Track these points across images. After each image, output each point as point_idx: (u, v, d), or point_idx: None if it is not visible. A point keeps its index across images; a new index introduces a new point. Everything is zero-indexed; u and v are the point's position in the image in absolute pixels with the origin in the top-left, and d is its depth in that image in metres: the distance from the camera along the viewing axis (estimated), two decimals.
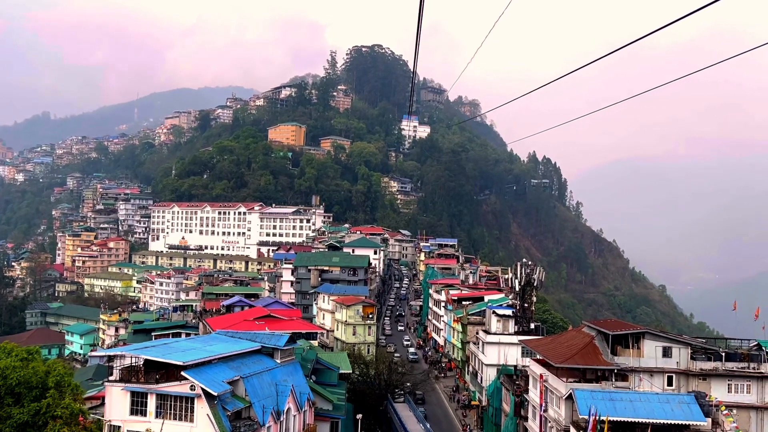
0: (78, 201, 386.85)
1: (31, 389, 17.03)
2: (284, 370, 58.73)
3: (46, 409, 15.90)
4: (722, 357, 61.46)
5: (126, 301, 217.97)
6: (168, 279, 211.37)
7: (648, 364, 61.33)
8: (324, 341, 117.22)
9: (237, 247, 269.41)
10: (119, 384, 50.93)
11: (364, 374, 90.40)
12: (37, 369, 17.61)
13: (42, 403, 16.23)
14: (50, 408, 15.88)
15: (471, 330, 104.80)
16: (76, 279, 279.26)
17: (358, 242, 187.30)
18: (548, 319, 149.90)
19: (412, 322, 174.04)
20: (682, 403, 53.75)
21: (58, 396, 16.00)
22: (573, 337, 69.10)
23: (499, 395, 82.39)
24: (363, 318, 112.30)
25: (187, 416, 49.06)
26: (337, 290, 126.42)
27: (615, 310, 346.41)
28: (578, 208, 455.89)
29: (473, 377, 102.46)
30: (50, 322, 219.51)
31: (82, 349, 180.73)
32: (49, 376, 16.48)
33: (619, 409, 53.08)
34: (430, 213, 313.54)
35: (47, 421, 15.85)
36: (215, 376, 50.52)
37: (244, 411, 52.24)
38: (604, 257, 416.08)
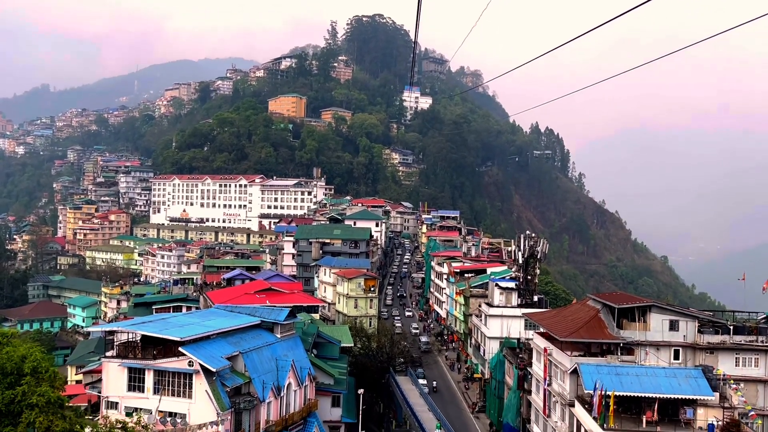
0: (79, 174, 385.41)
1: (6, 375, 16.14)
2: (284, 345, 57.85)
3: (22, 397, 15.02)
4: (730, 330, 60.41)
5: (127, 273, 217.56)
6: (169, 252, 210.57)
7: (654, 337, 60.29)
8: (325, 314, 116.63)
9: (238, 219, 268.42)
10: (116, 360, 50.12)
11: (366, 347, 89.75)
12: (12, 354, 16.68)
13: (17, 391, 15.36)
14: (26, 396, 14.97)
15: (473, 303, 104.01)
16: (77, 252, 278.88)
17: (360, 215, 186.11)
18: (550, 291, 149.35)
19: (415, 294, 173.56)
20: (689, 378, 52.89)
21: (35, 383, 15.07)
22: (578, 310, 68.10)
23: (502, 368, 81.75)
24: (365, 291, 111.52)
25: (185, 392, 48.29)
26: (339, 263, 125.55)
27: (617, 281, 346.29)
28: (580, 179, 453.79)
29: (476, 350, 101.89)
30: (52, 295, 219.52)
31: (84, 321, 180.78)
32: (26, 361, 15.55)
33: (625, 383, 52.25)
34: (432, 185, 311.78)
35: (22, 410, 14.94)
36: (214, 351, 49.62)
37: (244, 387, 51.45)
38: (606, 228, 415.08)
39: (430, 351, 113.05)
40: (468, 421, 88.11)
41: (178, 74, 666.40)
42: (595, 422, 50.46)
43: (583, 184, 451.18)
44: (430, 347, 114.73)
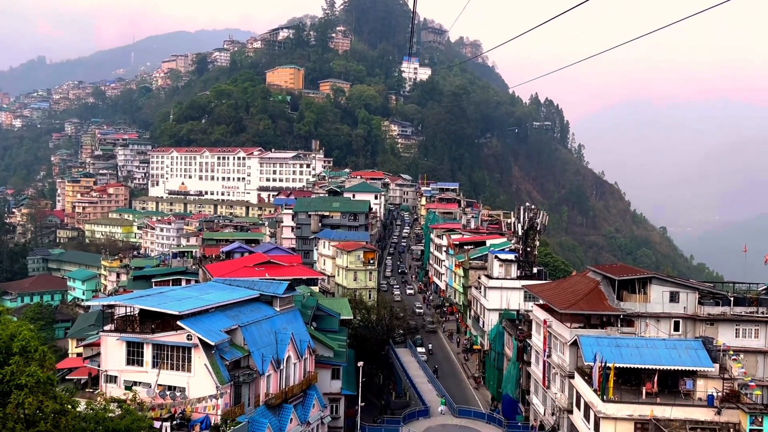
0: (76, 147, 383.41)
1: None
2: (284, 318, 57.67)
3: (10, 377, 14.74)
4: (730, 302, 60.26)
5: (127, 247, 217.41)
6: (168, 225, 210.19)
7: (654, 309, 60.18)
8: (325, 287, 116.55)
9: (237, 192, 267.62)
10: (114, 334, 49.95)
11: (366, 320, 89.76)
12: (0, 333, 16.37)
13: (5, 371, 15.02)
14: (14, 376, 14.69)
15: (473, 274, 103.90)
16: (76, 225, 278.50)
17: (359, 187, 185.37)
18: (549, 262, 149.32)
19: (414, 267, 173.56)
20: (689, 349, 52.79)
21: (24, 363, 14.77)
22: (578, 282, 67.90)
23: (501, 340, 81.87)
24: (364, 263, 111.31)
25: (184, 366, 48.16)
26: (338, 236, 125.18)
27: (615, 252, 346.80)
28: (580, 150, 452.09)
29: (475, 321, 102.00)
30: (52, 268, 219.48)
31: (84, 294, 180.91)
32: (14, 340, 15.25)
33: (625, 355, 52.14)
34: (431, 157, 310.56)
35: (11, 390, 14.67)
36: (212, 325, 49.41)
37: (243, 360, 51.35)
38: (606, 200, 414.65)
39: (435, 331, 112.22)
40: (468, 393, 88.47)
41: (175, 46, 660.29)
42: (595, 394, 50.46)
43: (582, 155, 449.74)
44: (435, 327, 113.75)
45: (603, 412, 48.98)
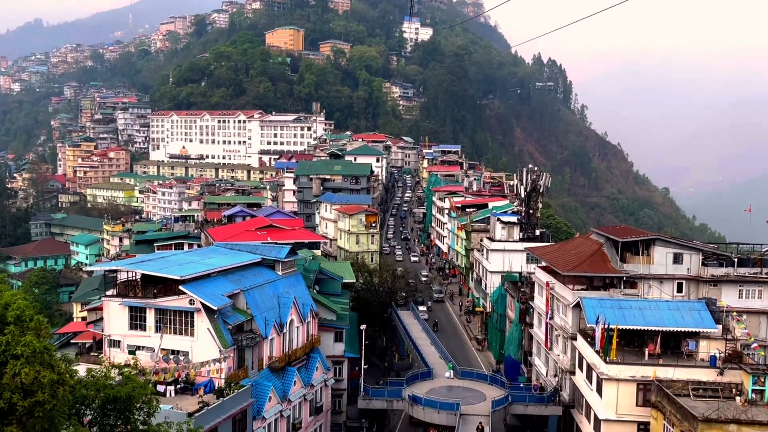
0: (76, 111, 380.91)
1: None
2: (286, 282, 57.58)
3: (6, 347, 14.54)
4: (734, 263, 60.04)
5: (129, 211, 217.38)
6: (170, 189, 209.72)
7: (658, 270, 60.00)
8: (327, 250, 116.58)
9: (238, 156, 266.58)
10: (117, 299, 49.89)
11: (368, 283, 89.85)
12: None
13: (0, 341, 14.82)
14: (10, 346, 14.50)
15: (475, 237, 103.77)
16: (78, 190, 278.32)
17: (360, 150, 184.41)
18: (552, 224, 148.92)
19: (416, 229, 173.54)
20: (692, 310, 52.71)
21: (19, 333, 14.60)
22: (580, 244, 67.63)
23: (504, 302, 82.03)
24: (366, 227, 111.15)
25: (187, 330, 48.18)
26: (340, 199, 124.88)
27: (618, 213, 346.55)
28: (583, 111, 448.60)
29: (477, 284, 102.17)
30: (55, 233, 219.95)
31: (87, 259, 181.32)
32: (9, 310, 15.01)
33: (627, 317, 52.10)
34: (433, 119, 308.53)
35: (7, 360, 14.51)
36: (214, 289, 49.29)
37: (246, 324, 51.34)
38: (608, 161, 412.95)
39: (442, 300, 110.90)
40: (470, 355, 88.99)
41: (173, 7, 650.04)
42: (597, 355, 50.55)
43: (585, 116, 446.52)
44: (443, 297, 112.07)
45: (605, 374, 49.11)
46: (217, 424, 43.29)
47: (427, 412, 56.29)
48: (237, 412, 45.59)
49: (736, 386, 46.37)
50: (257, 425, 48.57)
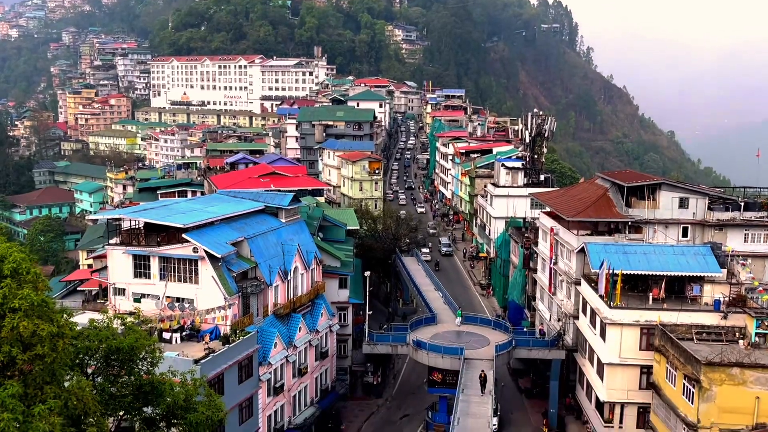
0: (75, 57, 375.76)
1: None
2: (289, 230, 57.46)
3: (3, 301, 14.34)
4: (740, 207, 59.55)
5: (131, 158, 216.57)
6: (172, 136, 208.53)
7: (663, 215, 59.58)
8: (331, 197, 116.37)
9: (239, 102, 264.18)
10: (120, 247, 49.87)
11: (372, 230, 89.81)
12: None
13: None
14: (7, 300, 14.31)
15: (479, 183, 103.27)
16: (80, 137, 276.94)
17: (363, 95, 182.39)
18: (556, 169, 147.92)
19: (420, 176, 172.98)
20: (697, 255, 52.51)
21: (16, 286, 14.39)
22: (585, 189, 67.12)
23: (508, 247, 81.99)
24: (369, 173, 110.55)
25: (191, 278, 48.27)
26: (343, 145, 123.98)
27: (622, 157, 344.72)
28: (588, 54, 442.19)
29: (481, 230, 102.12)
30: (59, 181, 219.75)
31: (92, 207, 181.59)
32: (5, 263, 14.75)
33: (632, 262, 51.96)
34: (436, 63, 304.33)
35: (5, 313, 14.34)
36: (218, 237, 49.19)
37: (251, 271, 51.44)
38: (614, 104, 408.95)
39: (451, 255, 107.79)
40: (474, 300, 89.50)
41: None
42: (601, 300, 50.59)
43: (591, 58, 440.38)
44: (451, 251, 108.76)
45: (609, 318, 49.24)
46: (223, 371, 43.69)
47: (432, 356, 56.75)
48: (243, 359, 46.00)
49: (739, 330, 46.50)
50: (263, 371, 49.10)
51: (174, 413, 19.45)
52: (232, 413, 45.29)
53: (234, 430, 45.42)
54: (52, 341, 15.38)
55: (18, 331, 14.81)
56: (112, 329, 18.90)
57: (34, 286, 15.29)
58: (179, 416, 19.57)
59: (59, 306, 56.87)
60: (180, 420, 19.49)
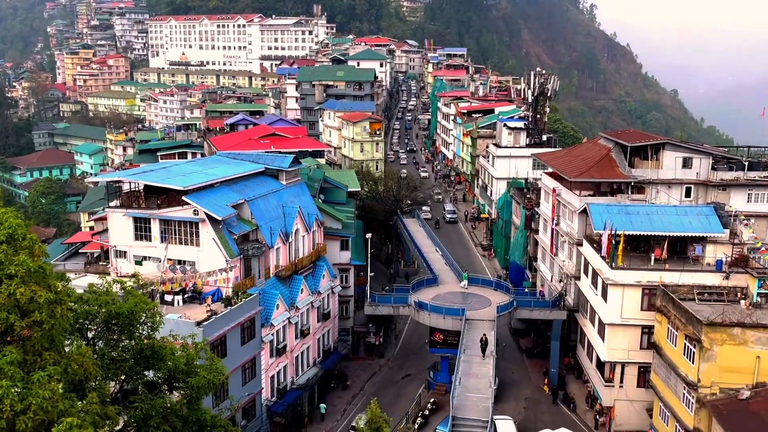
0: (72, 17, 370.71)
1: None
2: (290, 192, 57.18)
3: None
4: (744, 166, 59.12)
5: (131, 120, 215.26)
6: (171, 97, 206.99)
7: (666, 175, 59.20)
8: (331, 158, 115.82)
9: (239, 62, 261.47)
10: (120, 210, 49.65)
11: (373, 191, 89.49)
12: None
13: None
14: (3, 266, 14.11)
15: (481, 143, 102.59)
16: (79, 98, 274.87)
17: (363, 54, 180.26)
18: (559, 128, 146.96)
19: (421, 136, 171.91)
20: (700, 215, 52.23)
21: (12, 252, 14.18)
22: (588, 149, 66.61)
23: (509, 208, 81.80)
24: (370, 134, 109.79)
25: (192, 240, 48.15)
26: (343, 106, 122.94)
27: (625, 116, 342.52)
28: (592, 11, 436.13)
29: (483, 191, 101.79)
30: (58, 143, 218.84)
31: (92, 168, 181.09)
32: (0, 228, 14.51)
33: (634, 222, 51.72)
34: (438, 21, 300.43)
35: (1, 280, 14.15)
36: (218, 199, 48.94)
37: (252, 234, 51.30)
38: (617, 62, 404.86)
39: (456, 221, 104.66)
40: (476, 261, 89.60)
41: None
42: (603, 261, 50.50)
43: (594, 16, 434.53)
44: (456, 218, 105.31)
45: (611, 279, 49.20)
46: (225, 332, 43.85)
47: (433, 317, 56.94)
48: (245, 320, 46.12)
49: (741, 290, 46.43)
50: (266, 332, 49.31)
51: (175, 377, 19.42)
52: (235, 374, 45.65)
53: (237, 390, 45.75)
54: (50, 308, 15.23)
55: (15, 298, 14.67)
56: (112, 294, 18.78)
57: (31, 252, 15.10)
58: (180, 380, 19.55)
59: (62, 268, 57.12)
60: (181, 384, 19.48)
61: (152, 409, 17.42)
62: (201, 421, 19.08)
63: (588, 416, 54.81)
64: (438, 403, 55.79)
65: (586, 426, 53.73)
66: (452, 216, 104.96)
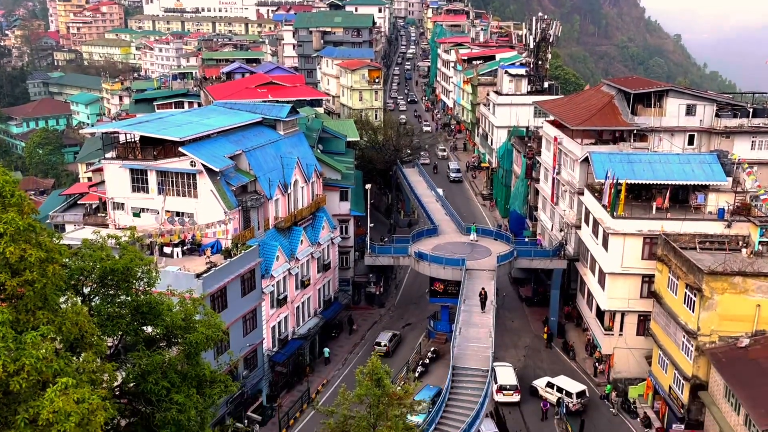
0: None
1: None
2: (288, 142, 56.45)
3: None
4: (749, 113, 58.26)
5: (126, 68, 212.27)
6: (167, 45, 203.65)
7: (670, 123, 58.39)
8: (330, 107, 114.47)
9: (234, 8, 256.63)
10: (116, 162, 49.04)
11: (372, 141, 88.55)
12: None
13: None
14: None
15: (481, 91, 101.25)
16: (73, 47, 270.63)
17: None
18: (560, 75, 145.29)
19: (421, 83, 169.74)
20: (703, 163, 51.67)
21: (0, 210, 13.75)
22: (590, 96, 65.58)
23: (510, 157, 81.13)
24: (369, 82, 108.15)
25: (190, 192, 47.69)
26: (341, 53, 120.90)
27: (627, 62, 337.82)
28: None
29: (483, 139, 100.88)
30: (53, 92, 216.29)
31: (89, 119, 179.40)
32: None
33: (637, 171, 51.22)
34: None
35: None
36: (215, 150, 48.30)
37: (250, 185, 50.80)
38: (619, 7, 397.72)
39: (461, 180, 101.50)
40: (476, 211, 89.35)
41: None
42: (605, 210, 50.13)
43: None
44: (461, 177, 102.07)
45: (612, 228, 48.91)
46: (225, 284, 43.75)
47: (433, 268, 56.87)
48: (245, 272, 45.99)
49: (743, 238, 46.21)
50: (266, 283, 49.26)
51: (173, 333, 19.22)
52: (236, 325, 45.77)
53: (238, 341, 45.95)
54: (42, 266, 14.87)
55: (5, 257, 14.31)
56: (107, 249, 18.43)
57: (20, 210, 14.67)
58: (179, 336, 19.35)
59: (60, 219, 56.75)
60: (180, 339, 19.29)
61: (150, 365, 17.24)
62: (200, 377, 18.99)
63: (587, 364, 55.26)
64: (438, 352, 56.24)
65: (585, 373, 54.21)
66: (457, 175, 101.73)
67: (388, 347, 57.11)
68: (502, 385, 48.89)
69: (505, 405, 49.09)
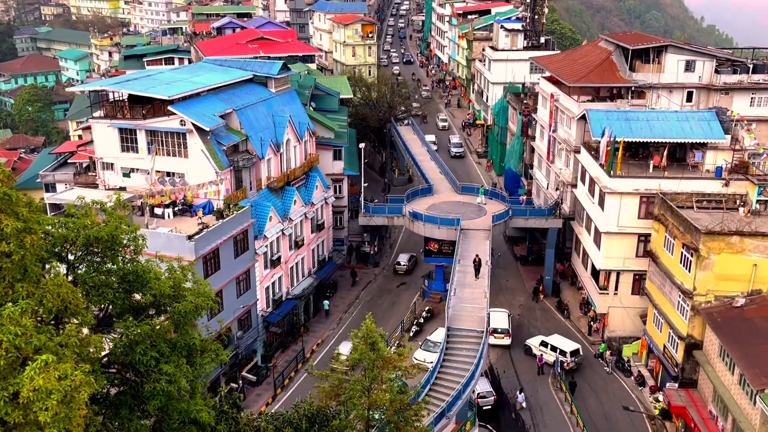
0: None
1: None
2: (280, 100, 55.35)
3: None
4: (749, 69, 57.30)
5: (116, 23, 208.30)
6: None
7: (668, 79, 57.46)
8: (323, 63, 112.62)
9: None
10: (105, 121, 48.03)
11: (366, 98, 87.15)
12: None
13: None
14: None
15: (477, 46, 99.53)
16: (60, 1, 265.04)
17: None
18: (557, 30, 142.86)
19: (415, 38, 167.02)
20: (701, 121, 50.90)
21: None
22: (588, 52, 64.42)
23: (505, 114, 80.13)
24: (362, 37, 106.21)
25: (180, 152, 46.82)
26: (334, 7, 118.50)
27: (624, 16, 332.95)
28: None
29: (478, 96, 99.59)
30: (42, 48, 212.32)
31: (78, 75, 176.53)
32: None
33: (634, 129, 50.47)
34: None
35: None
36: (205, 109, 47.27)
37: (241, 144, 49.93)
38: None
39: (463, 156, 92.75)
40: (471, 169, 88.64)
41: None
42: (601, 168, 49.51)
43: None
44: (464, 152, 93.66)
45: (609, 187, 48.37)
46: (218, 245, 43.26)
47: (428, 227, 56.42)
48: (238, 233, 45.49)
49: (740, 197, 45.76)
50: (259, 244, 48.77)
51: (161, 302, 18.71)
52: (229, 286, 45.45)
53: (232, 302, 45.70)
54: (19, 237, 14.24)
55: None
56: (91, 216, 17.80)
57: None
58: (167, 305, 18.84)
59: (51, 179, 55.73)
60: (168, 308, 18.79)
61: (138, 336, 16.78)
62: (190, 346, 18.57)
63: (582, 323, 55.32)
64: (433, 311, 56.20)
65: (580, 332, 54.31)
66: (458, 150, 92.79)
67: (407, 266, 64.11)
68: (494, 329, 49.21)
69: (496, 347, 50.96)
